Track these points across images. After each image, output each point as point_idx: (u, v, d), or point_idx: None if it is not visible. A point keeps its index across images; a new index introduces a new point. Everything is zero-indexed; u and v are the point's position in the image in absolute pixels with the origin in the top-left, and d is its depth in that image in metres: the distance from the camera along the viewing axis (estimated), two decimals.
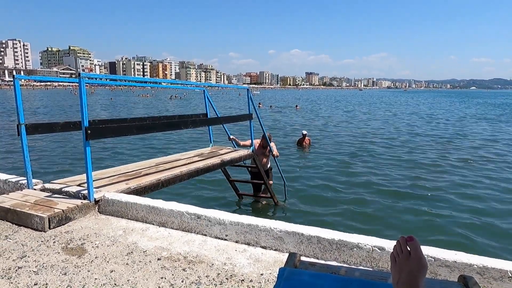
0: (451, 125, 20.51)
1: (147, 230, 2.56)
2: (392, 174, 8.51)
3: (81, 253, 2.16)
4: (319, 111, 31.75)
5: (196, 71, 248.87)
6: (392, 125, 20.33)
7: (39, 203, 2.73)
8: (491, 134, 16.64)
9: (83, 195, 2.90)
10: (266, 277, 1.91)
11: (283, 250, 2.23)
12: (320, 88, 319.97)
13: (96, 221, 2.69)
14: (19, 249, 2.19)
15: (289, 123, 20.51)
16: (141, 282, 1.85)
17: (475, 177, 8.28)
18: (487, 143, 13.59)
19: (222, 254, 2.19)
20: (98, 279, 1.87)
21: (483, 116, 28.01)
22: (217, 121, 5.47)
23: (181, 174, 3.89)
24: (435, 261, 1.85)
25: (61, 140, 12.65)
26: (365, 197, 6.73)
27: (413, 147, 12.43)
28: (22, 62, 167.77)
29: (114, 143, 12.06)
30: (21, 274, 1.89)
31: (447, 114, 30.24)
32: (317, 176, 8.28)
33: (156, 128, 4.25)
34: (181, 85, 9.05)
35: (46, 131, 3.68)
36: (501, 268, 1.74)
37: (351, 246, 2.05)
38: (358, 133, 16.27)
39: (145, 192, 3.35)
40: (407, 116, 27.50)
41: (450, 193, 6.99)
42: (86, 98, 2.69)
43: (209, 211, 2.52)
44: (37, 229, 2.49)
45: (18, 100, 3.01)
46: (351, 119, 23.65)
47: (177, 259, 2.11)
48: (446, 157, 10.58)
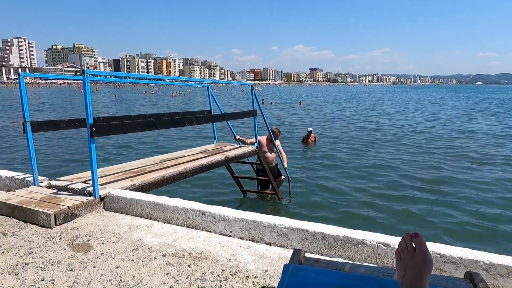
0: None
1: (152, 226, 2.57)
2: (399, 170, 8.47)
3: (87, 249, 2.18)
4: (324, 109, 31.60)
5: (200, 68, 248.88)
6: (404, 120, 20.19)
7: (45, 200, 2.75)
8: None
9: (88, 192, 2.92)
10: (270, 274, 1.92)
11: (288, 247, 2.23)
12: (325, 84, 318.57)
13: (102, 218, 2.71)
14: (25, 246, 2.21)
15: (293, 120, 20.46)
16: (146, 278, 1.86)
17: (490, 174, 8.20)
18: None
19: (226, 250, 2.20)
20: (104, 275, 1.88)
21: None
22: (221, 117, 5.46)
23: (185, 171, 3.90)
24: (441, 257, 1.84)
25: (66, 137, 12.74)
26: (370, 193, 6.70)
27: (419, 143, 12.36)
28: (27, 60, 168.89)
29: (119, 140, 12.12)
30: (28, 270, 1.91)
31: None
32: (322, 172, 8.26)
33: (160, 125, 4.26)
34: (185, 82, 9.06)
35: (51, 129, 3.70)
36: (508, 264, 1.72)
37: (356, 242, 2.04)
38: (365, 130, 16.19)
39: (150, 189, 3.36)
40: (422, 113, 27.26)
41: (458, 189, 6.93)
42: (90, 95, 2.70)
43: (213, 208, 2.53)
44: (44, 225, 2.51)
45: (23, 97, 3.03)
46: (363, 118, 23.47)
47: (182, 256, 2.11)
48: (455, 154, 10.50)
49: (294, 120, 20.24)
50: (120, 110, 27.92)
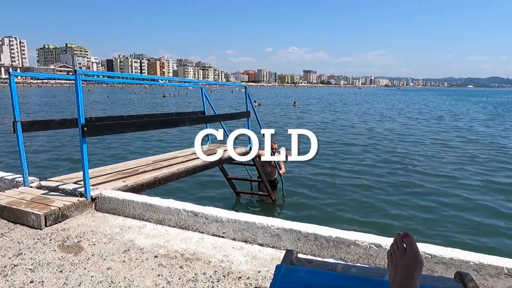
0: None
1: (144, 227, 2.55)
2: (390, 171, 8.53)
3: (78, 250, 2.15)
4: (320, 111, 31.73)
5: (194, 69, 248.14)
6: (397, 125, 20.37)
7: (35, 201, 2.71)
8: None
9: (79, 193, 2.89)
10: (263, 274, 1.91)
11: (280, 248, 2.23)
12: (319, 86, 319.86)
13: (93, 219, 2.68)
14: (15, 247, 2.18)
15: (286, 121, 20.50)
16: (137, 279, 1.84)
17: (476, 174, 8.31)
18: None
19: (219, 251, 2.19)
20: (95, 276, 1.86)
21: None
22: (215, 118, 5.45)
23: (179, 172, 3.88)
24: (432, 258, 1.85)
25: (57, 137, 12.59)
26: (362, 194, 6.74)
27: (410, 145, 12.48)
28: (19, 60, 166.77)
29: (112, 141, 12.02)
30: (17, 272, 1.88)
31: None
32: (315, 173, 8.28)
33: (153, 126, 4.24)
34: (178, 83, 9.04)
35: (43, 128, 3.66)
36: (497, 265, 1.74)
37: (348, 243, 2.05)
38: (359, 132, 16.29)
39: (142, 190, 3.34)
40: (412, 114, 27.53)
41: (448, 190, 7.01)
42: (82, 95, 2.68)
43: (206, 209, 2.52)
44: (33, 226, 2.48)
45: (14, 97, 2.99)
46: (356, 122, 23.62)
47: (174, 257, 2.10)
48: (444, 156, 10.62)
49: (287, 121, 20.29)
50: (108, 110, 27.70)
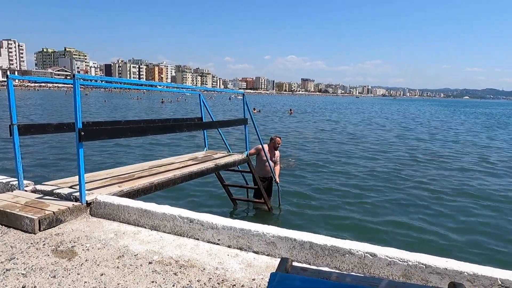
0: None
1: (139, 233, 2.54)
2: (386, 180, 8.55)
3: (71, 256, 2.13)
4: (318, 118, 31.85)
5: (192, 75, 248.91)
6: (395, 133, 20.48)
7: (29, 205, 2.69)
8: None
9: (74, 197, 2.87)
10: (257, 282, 1.91)
11: (276, 255, 2.22)
12: (316, 94, 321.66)
13: (88, 224, 2.66)
14: (7, 251, 2.16)
15: (282, 129, 20.55)
16: (131, 286, 1.83)
17: (477, 183, 8.35)
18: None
19: (214, 258, 2.18)
20: (88, 282, 1.84)
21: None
22: (212, 125, 5.47)
23: (175, 178, 3.87)
24: (426, 268, 1.86)
25: (54, 141, 12.53)
26: (358, 203, 6.75)
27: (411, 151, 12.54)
28: (17, 63, 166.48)
29: (108, 145, 11.97)
30: (9, 277, 1.86)
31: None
32: (311, 181, 8.29)
33: (150, 131, 4.24)
34: (176, 89, 9.06)
35: (39, 132, 3.65)
36: (491, 275, 1.75)
37: (343, 252, 2.05)
38: (353, 140, 16.35)
39: (138, 195, 3.33)
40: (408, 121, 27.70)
41: (444, 200, 7.03)
42: (80, 99, 2.68)
43: (202, 215, 2.51)
44: (27, 231, 2.46)
45: (11, 100, 2.99)
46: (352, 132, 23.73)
47: (168, 263, 2.09)
48: (444, 164, 10.68)
49: (282, 129, 20.34)
50: (104, 115, 27.65)
